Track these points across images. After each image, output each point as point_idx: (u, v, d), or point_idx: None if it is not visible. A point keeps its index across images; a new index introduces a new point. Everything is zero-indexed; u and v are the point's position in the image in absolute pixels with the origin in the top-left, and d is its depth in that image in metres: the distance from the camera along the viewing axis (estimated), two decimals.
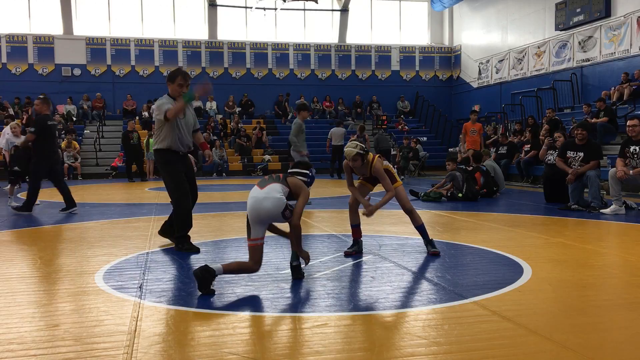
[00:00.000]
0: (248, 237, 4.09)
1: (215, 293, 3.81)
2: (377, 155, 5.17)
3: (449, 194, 10.33)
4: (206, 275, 3.81)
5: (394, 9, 26.18)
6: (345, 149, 5.05)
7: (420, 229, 5.20)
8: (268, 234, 4.21)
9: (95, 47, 23.37)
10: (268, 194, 4.05)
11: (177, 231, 5.48)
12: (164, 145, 5.43)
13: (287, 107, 24.36)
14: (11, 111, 21.30)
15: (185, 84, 5.47)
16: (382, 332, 3.04)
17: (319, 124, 23.51)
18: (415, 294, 3.83)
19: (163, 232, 5.86)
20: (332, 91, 25.20)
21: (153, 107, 5.45)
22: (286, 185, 4.18)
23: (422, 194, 10.43)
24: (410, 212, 5.16)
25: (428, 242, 5.20)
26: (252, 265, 4.07)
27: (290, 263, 4.26)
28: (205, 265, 3.85)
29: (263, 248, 4.12)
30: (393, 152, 19.28)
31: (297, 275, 4.19)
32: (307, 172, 4.35)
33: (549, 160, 10.10)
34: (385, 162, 5.19)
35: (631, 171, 7.91)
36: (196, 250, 5.35)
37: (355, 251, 5.21)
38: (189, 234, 5.51)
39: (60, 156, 13.90)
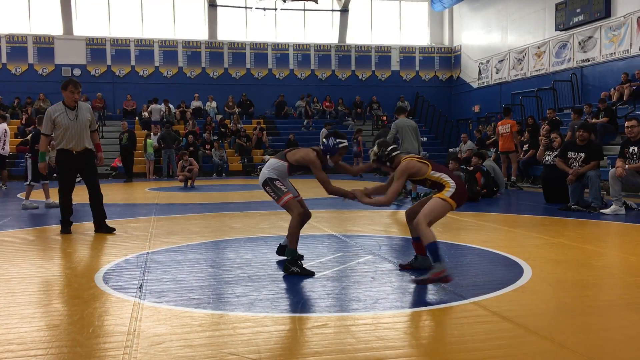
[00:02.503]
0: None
1: (211, 295, 3.81)
2: (413, 156, 4.28)
3: None
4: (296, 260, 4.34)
5: (394, 9, 26.18)
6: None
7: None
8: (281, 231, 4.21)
9: (95, 47, 23.37)
10: (264, 167, 4.53)
11: (60, 215, 6.54)
12: (59, 146, 6.37)
13: (309, 109, 24.41)
14: None
15: (76, 90, 6.42)
16: (382, 333, 3.04)
17: (318, 124, 23.52)
18: (415, 294, 3.83)
19: (96, 227, 6.59)
20: (332, 91, 25.20)
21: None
22: (283, 160, 4.46)
23: (422, 194, 10.42)
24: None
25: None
26: (296, 217, 4.38)
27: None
28: (289, 258, 4.34)
29: (293, 201, 4.42)
30: None
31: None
32: (324, 140, 4.54)
33: (547, 160, 10.10)
34: (438, 174, 4.14)
35: (627, 166, 7.91)
36: (68, 232, 6.40)
37: (411, 265, 4.50)
38: (70, 221, 6.58)
39: None
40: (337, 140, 4.47)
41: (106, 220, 6.68)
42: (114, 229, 6.56)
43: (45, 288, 4.02)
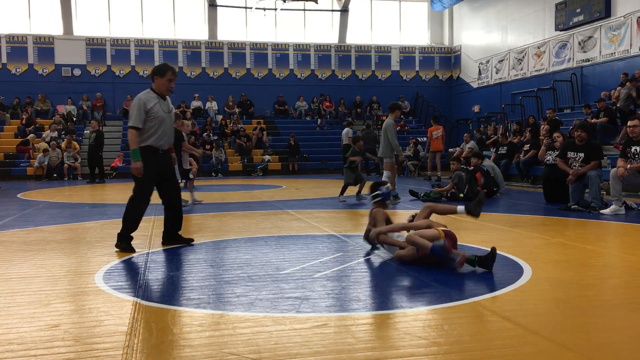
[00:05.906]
0: None
1: (211, 295, 3.81)
2: None
3: (449, 195, 10.32)
4: None
5: (394, 9, 26.18)
6: None
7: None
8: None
9: (95, 47, 23.38)
10: None
11: (122, 229, 5.45)
12: (147, 142, 5.37)
13: (322, 107, 24.43)
14: None
15: (174, 79, 5.52)
16: (382, 332, 3.04)
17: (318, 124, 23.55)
18: (415, 294, 3.83)
19: (167, 240, 5.74)
20: (332, 91, 25.21)
21: (134, 101, 5.41)
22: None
23: (422, 194, 10.42)
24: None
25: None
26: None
27: None
28: None
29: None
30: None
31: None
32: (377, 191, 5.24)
33: (548, 160, 10.10)
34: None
35: (629, 165, 7.91)
36: (131, 251, 5.33)
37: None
38: (132, 235, 5.52)
39: None
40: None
41: (108, 221, 6.60)
42: (192, 240, 5.81)
43: (45, 288, 4.02)
